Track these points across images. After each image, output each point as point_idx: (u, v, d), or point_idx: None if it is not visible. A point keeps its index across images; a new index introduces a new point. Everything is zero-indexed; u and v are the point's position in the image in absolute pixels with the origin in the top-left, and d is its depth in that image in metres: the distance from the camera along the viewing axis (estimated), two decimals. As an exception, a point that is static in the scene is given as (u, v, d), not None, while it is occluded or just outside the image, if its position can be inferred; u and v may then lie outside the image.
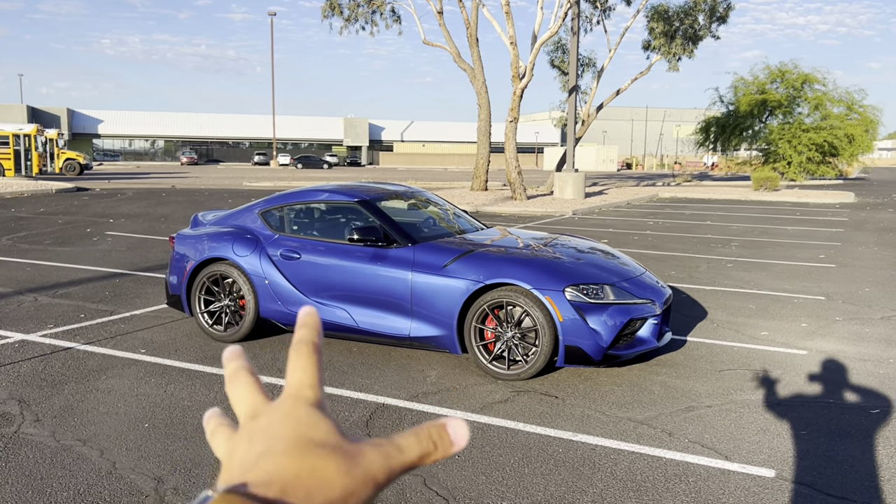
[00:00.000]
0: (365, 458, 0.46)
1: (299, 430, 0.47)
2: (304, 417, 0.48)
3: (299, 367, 0.51)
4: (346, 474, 0.45)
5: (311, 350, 0.51)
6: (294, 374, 0.51)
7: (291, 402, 0.49)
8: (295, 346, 0.52)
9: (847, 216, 19.51)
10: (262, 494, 0.43)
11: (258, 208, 6.54)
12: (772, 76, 40.63)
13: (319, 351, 0.52)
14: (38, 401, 4.75)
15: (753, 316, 7.39)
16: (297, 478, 0.44)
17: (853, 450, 4.14)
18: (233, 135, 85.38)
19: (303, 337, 0.52)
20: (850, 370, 5.62)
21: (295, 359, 0.51)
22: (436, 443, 0.49)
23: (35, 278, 8.89)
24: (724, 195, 27.76)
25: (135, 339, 6.22)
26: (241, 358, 0.53)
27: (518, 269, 5.37)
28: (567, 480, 3.74)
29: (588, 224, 16.74)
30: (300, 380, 0.50)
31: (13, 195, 22.77)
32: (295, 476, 0.44)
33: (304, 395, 0.49)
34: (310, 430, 0.47)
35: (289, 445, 0.46)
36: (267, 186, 30.81)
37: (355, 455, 0.46)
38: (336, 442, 0.47)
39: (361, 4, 26.28)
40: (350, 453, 0.46)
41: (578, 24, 23.87)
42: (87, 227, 14.60)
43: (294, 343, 0.52)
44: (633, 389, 5.13)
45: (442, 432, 0.49)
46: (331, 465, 0.45)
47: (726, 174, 55.05)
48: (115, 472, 3.77)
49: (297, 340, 0.52)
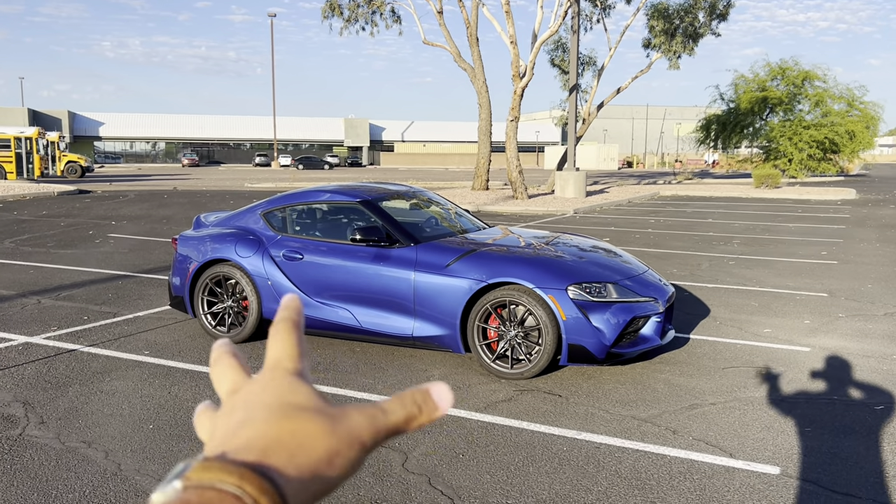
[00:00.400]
0: (349, 419, 0.46)
1: (280, 396, 0.46)
2: (285, 385, 0.47)
3: (277, 343, 0.51)
4: (329, 434, 0.44)
5: (289, 327, 0.51)
6: (272, 349, 0.51)
7: (270, 374, 0.49)
8: (275, 325, 0.52)
9: (849, 213, 19.50)
10: (241, 459, 0.42)
11: (260, 209, 6.54)
12: (772, 73, 40.62)
13: (299, 328, 0.52)
14: (43, 403, 4.76)
15: (756, 313, 7.39)
16: (279, 440, 0.43)
17: (858, 446, 4.14)
18: (234, 136, 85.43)
19: (282, 317, 0.52)
20: (853, 367, 5.62)
21: (274, 335, 0.51)
22: (420, 406, 0.48)
23: (38, 281, 8.90)
24: (726, 193, 27.74)
25: (138, 341, 6.23)
26: (227, 346, 0.54)
27: (521, 267, 5.37)
28: (571, 479, 3.74)
29: (590, 223, 16.74)
30: (279, 353, 0.50)
31: (15, 198, 22.80)
32: (276, 439, 0.43)
33: (284, 365, 0.49)
34: (290, 395, 0.46)
35: (269, 412, 0.45)
36: (268, 187, 30.83)
37: (339, 416, 0.46)
38: (318, 405, 0.46)
39: (361, 5, 26.28)
40: (333, 415, 0.46)
41: (578, 22, 23.86)
42: (89, 229, 14.62)
43: (274, 323, 0.52)
44: (636, 387, 5.13)
45: (426, 396, 0.49)
46: (313, 426, 0.44)
47: (727, 172, 55.05)
48: (121, 473, 3.77)
49: (276, 321, 0.52)
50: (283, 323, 0.52)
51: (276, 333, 0.51)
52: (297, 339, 0.51)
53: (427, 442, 4.18)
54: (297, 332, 0.51)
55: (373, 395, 4.98)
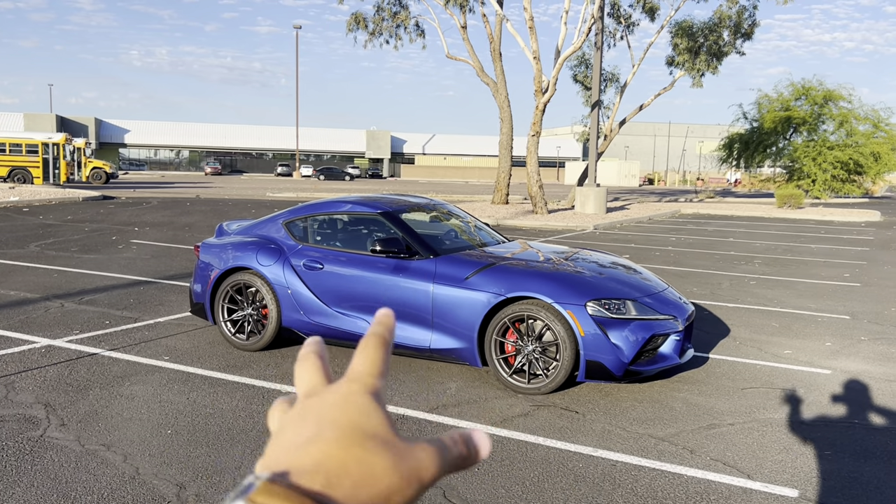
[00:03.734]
0: (414, 456, 0.46)
1: (352, 417, 0.46)
2: (360, 405, 0.47)
3: (364, 356, 0.50)
4: (393, 470, 0.44)
5: (379, 343, 0.50)
6: (358, 361, 0.50)
7: (348, 387, 0.48)
8: (365, 339, 0.51)
9: (873, 235, 19.27)
10: (306, 486, 0.41)
11: (282, 219, 6.60)
12: (796, 93, 40.35)
13: (388, 346, 0.51)
14: (64, 405, 4.82)
15: (777, 334, 7.32)
16: (346, 469, 0.43)
17: (878, 471, 4.09)
18: (257, 146, 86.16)
19: (374, 331, 0.51)
20: (875, 391, 5.55)
21: (362, 349, 0.50)
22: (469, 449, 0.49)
23: (62, 285, 9.02)
24: (748, 212, 27.53)
25: (158, 347, 6.29)
26: (317, 345, 0.54)
27: (539, 282, 5.37)
28: (587, 496, 3.73)
29: (609, 239, 16.68)
30: (362, 367, 0.49)
31: (41, 202, 23.14)
32: (342, 466, 0.43)
33: (364, 381, 0.48)
34: (363, 418, 0.46)
35: (340, 432, 0.45)
36: (290, 197, 31.05)
37: (405, 453, 0.45)
38: (387, 436, 0.46)
39: (386, 18, 26.50)
40: (400, 450, 0.45)
41: (602, 39, 23.89)
42: (112, 234, 14.80)
43: (365, 336, 0.51)
44: (654, 406, 5.10)
45: (468, 441, 0.50)
46: (380, 459, 0.44)
47: (749, 191, 54.63)
48: (139, 477, 3.81)
49: (368, 334, 0.51)
50: (375, 338, 0.51)
51: (365, 347, 0.50)
52: (384, 357, 0.50)
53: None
54: (385, 349, 0.51)
55: (389, 406, 4.98)
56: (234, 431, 4.45)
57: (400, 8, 26.57)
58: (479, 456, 0.50)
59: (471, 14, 25.57)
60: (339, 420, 0.45)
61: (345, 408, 0.46)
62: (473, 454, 0.49)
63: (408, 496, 0.45)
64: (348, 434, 0.45)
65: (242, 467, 3.96)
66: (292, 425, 0.47)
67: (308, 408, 0.47)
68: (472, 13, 25.69)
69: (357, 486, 0.42)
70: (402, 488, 0.44)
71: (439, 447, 0.47)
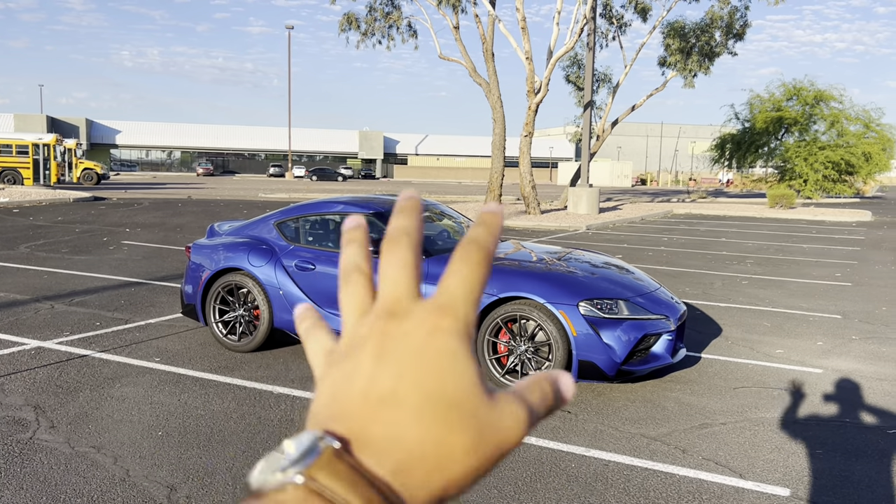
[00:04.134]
0: (500, 426, 0.37)
1: (440, 376, 0.36)
2: (450, 355, 0.37)
3: (462, 274, 0.38)
4: (474, 452, 0.36)
5: (482, 255, 0.38)
6: (452, 278, 0.38)
7: (439, 321, 0.37)
8: (462, 247, 0.39)
9: (864, 235, 19.36)
10: (373, 470, 0.34)
11: (274, 219, 6.58)
12: (787, 93, 40.54)
13: (491, 260, 0.39)
14: (54, 407, 4.78)
15: (768, 333, 7.34)
16: (421, 451, 0.35)
17: (869, 470, 4.10)
18: (249, 146, 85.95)
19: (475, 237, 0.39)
20: (866, 389, 5.57)
21: (459, 260, 0.38)
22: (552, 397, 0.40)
23: (52, 286, 8.97)
24: (740, 212, 27.63)
25: (149, 348, 6.26)
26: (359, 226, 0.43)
27: (532, 282, 5.37)
28: (579, 496, 3.72)
29: (602, 239, 16.71)
30: (458, 290, 0.38)
31: (31, 204, 23.03)
32: (419, 448, 0.35)
33: (459, 313, 0.38)
34: (452, 378, 0.36)
35: (423, 399, 0.36)
36: (282, 198, 30.99)
37: (491, 423, 0.37)
38: (474, 403, 0.36)
39: (378, 19, 26.48)
40: (485, 423, 0.36)
41: (594, 39, 23.93)
42: (103, 236, 14.73)
43: (461, 244, 0.39)
44: (646, 405, 5.10)
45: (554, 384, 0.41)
46: (462, 438, 0.36)
47: (741, 191, 54.82)
48: (129, 479, 3.78)
49: (468, 240, 0.39)
50: (475, 248, 0.38)
51: (464, 259, 0.38)
52: (486, 276, 0.39)
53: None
54: (488, 265, 0.38)
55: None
56: (225, 433, 4.43)
57: (392, 8, 26.56)
58: (564, 402, 0.41)
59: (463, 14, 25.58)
60: (424, 380, 0.36)
61: (433, 359, 0.37)
62: (559, 402, 0.41)
63: (482, 473, 0.37)
64: (433, 403, 0.36)
65: (234, 469, 3.94)
66: (361, 359, 0.38)
67: (386, 337, 0.37)
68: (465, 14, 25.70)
69: (430, 473, 0.35)
70: (479, 468, 0.36)
71: (530, 412, 0.38)
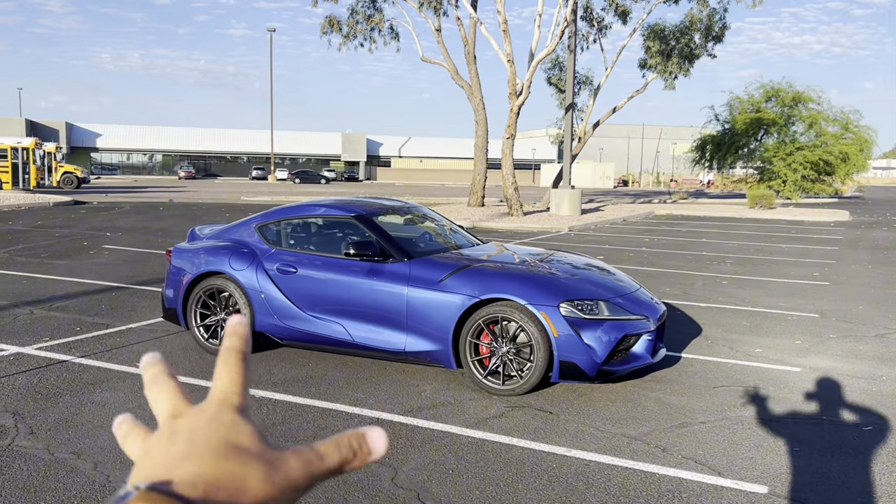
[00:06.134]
0: (286, 465, 0.48)
1: (223, 434, 0.48)
2: (229, 422, 0.49)
3: (226, 374, 0.52)
4: (266, 482, 0.46)
5: (238, 358, 0.53)
6: (221, 379, 0.52)
7: (217, 407, 0.50)
8: (223, 353, 0.53)
9: (842, 234, 19.60)
10: (186, 494, 0.43)
11: (255, 222, 6.56)
12: (766, 94, 40.96)
13: (247, 359, 0.53)
14: (33, 413, 4.75)
15: (748, 333, 7.42)
16: (219, 481, 0.45)
17: (847, 467, 4.16)
18: (231, 149, 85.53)
19: (231, 345, 0.53)
20: (843, 387, 5.64)
21: (222, 365, 0.52)
22: (355, 451, 0.51)
23: (31, 291, 8.89)
24: (720, 213, 27.86)
25: (130, 353, 6.22)
26: (161, 363, 0.54)
27: (513, 284, 5.40)
28: (561, 496, 3.75)
29: (584, 240, 16.79)
30: (226, 386, 0.51)
31: (10, 208, 22.78)
32: (216, 479, 0.45)
33: (230, 400, 0.50)
34: (234, 434, 0.48)
35: (212, 448, 0.47)
36: (264, 201, 30.86)
37: (276, 462, 0.47)
38: (258, 449, 0.48)
39: (360, 21, 26.47)
40: (271, 461, 0.47)
41: (575, 42, 24.05)
42: (84, 240, 14.60)
43: (222, 351, 0.53)
44: (627, 405, 5.14)
45: (361, 441, 0.51)
46: (252, 471, 0.46)
47: (722, 192, 55.26)
48: (109, 485, 3.76)
49: (226, 348, 0.53)
50: (232, 353, 0.53)
51: (225, 363, 0.52)
52: (244, 371, 0.52)
53: (417, 457, 4.18)
54: (244, 362, 0.53)
55: (364, 409, 4.98)
56: (207, 437, 4.41)
57: (374, 11, 26.56)
58: (371, 455, 0.51)
59: (445, 17, 25.62)
60: (211, 437, 0.47)
61: (215, 426, 0.48)
62: (365, 453, 0.51)
63: (287, 498, 0.47)
64: (221, 450, 0.47)
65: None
66: (161, 445, 0.48)
67: (176, 428, 0.49)
68: (447, 16, 25.75)
69: (233, 497, 0.44)
70: (277, 497, 0.46)
71: (309, 454, 0.49)
